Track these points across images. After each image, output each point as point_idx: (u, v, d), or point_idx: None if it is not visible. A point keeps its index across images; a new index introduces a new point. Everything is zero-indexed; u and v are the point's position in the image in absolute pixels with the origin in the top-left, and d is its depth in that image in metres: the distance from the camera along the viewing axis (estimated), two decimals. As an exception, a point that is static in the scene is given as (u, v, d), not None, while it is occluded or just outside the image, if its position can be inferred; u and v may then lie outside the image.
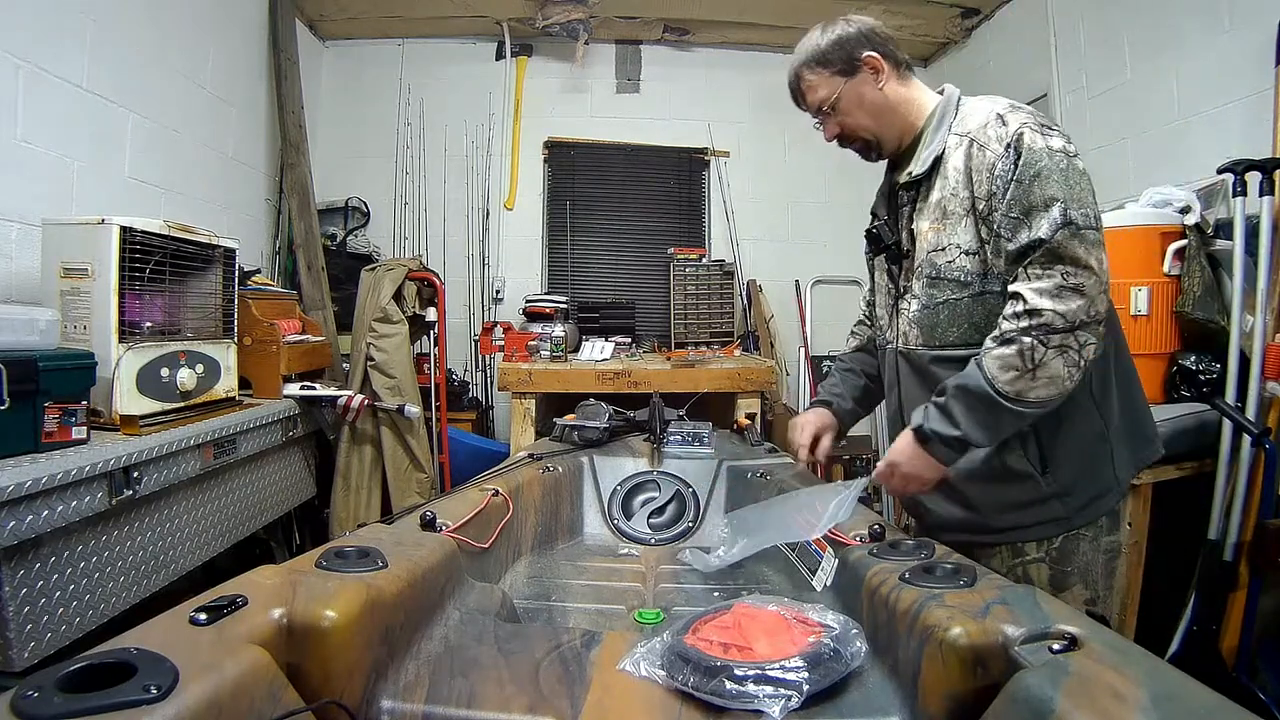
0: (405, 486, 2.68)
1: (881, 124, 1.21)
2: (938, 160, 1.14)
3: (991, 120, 1.08)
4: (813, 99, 1.23)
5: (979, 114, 1.11)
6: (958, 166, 1.10)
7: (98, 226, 1.68)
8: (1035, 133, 1.04)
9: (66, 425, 1.49)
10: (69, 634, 1.40)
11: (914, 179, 1.18)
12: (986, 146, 1.06)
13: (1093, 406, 1.12)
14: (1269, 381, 1.80)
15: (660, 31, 3.94)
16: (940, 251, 1.14)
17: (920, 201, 1.19)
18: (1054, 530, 1.13)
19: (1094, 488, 1.13)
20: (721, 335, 3.70)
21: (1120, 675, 0.62)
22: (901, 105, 1.21)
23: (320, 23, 3.76)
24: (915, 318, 1.20)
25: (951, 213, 1.11)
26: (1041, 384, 1.01)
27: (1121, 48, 2.70)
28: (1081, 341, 1.00)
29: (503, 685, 0.82)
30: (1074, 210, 1.00)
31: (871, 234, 1.30)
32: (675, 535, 1.78)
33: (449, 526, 1.21)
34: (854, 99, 1.20)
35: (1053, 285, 0.99)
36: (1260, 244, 1.85)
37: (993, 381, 1.02)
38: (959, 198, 1.10)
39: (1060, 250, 0.99)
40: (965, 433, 1.05)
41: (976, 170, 1.07)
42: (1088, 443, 1.12)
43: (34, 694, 0.54)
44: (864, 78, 1.19)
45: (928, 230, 1.16)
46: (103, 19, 2.19)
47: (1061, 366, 1.00)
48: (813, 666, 0.78)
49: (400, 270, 2.73)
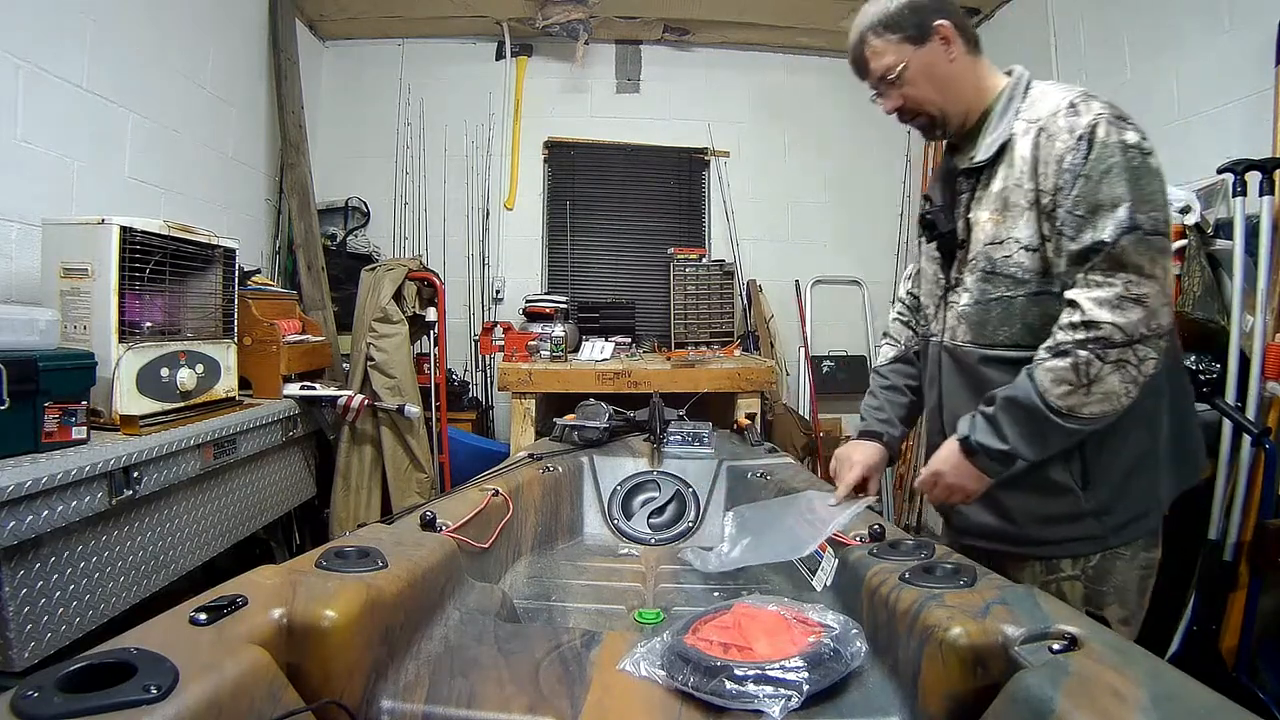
0: (405, 486, 2.68)
1: (949, 99, 1.13)
2: (1003, 147, 1.07)
3: (1063, 108, 1.00)
4: (877, 66, 1.13)
5: (1050, 100, 1.03)
6: (1024, 155, 1.03)
7: (98, 226, 1.68)
8: (1111, 125, 0.96)
9: (66, 425, 1.49)
10: (69, 634, 1.40)
11: (976, 165, 1.11)
12: (1056, 136, 0.99)
13: (1144, 423, 1.05)
14: (1269, 381, 1.80)
15: (660, 31, 3.94)
16: (998, 245, 1.07)
17: (980, 189, 1.11)
18: (1089, 548, 1.07)
19: (1135, 507, 1.07)
20: (721, 335, 3.70)
21: (1120, 675, 0.62)
22: (970, 81, 1.13)
23: (320, 23, 3.76)
24: (965, 313, 1.14)
25: (1013, 205, 1.05)
26: (1096, 400, 0.95)
27: (1121, 48, 2.69)
28: (1141, 356, 0.94)
29: (503, 685, 0.82)
30: (1141, 213, 0.93)
31: (925, 220, 1.22)
32: (675, 535, 1.78)
33: (449, 526, 1.21)
34: (922, 69, 1.10)
35: (1113, 295, 0.93)
36: (1260, 244, 1.85)
37: (1044, 395, 0.97)
38: (1022, 189, 1.03)
39: (1123, 257, 0.93)
40: (1013, 447, 1.00)
41: (1044, 161, 1.01)
42: (1134, 461, 1.06)
43: (34, 694, 0.54)
44: (934, 47, 1.10)
45: (986, 221, 1.09)
46: (103, 19, 2.19)
47: (1119, 382, 0.94)
48: (813, 666, 0.78)
49: (400, 270, 2.73)
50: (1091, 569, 1.08)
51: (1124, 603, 1.08)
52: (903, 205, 4.02)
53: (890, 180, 4.05)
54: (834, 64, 4.13)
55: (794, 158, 4.10)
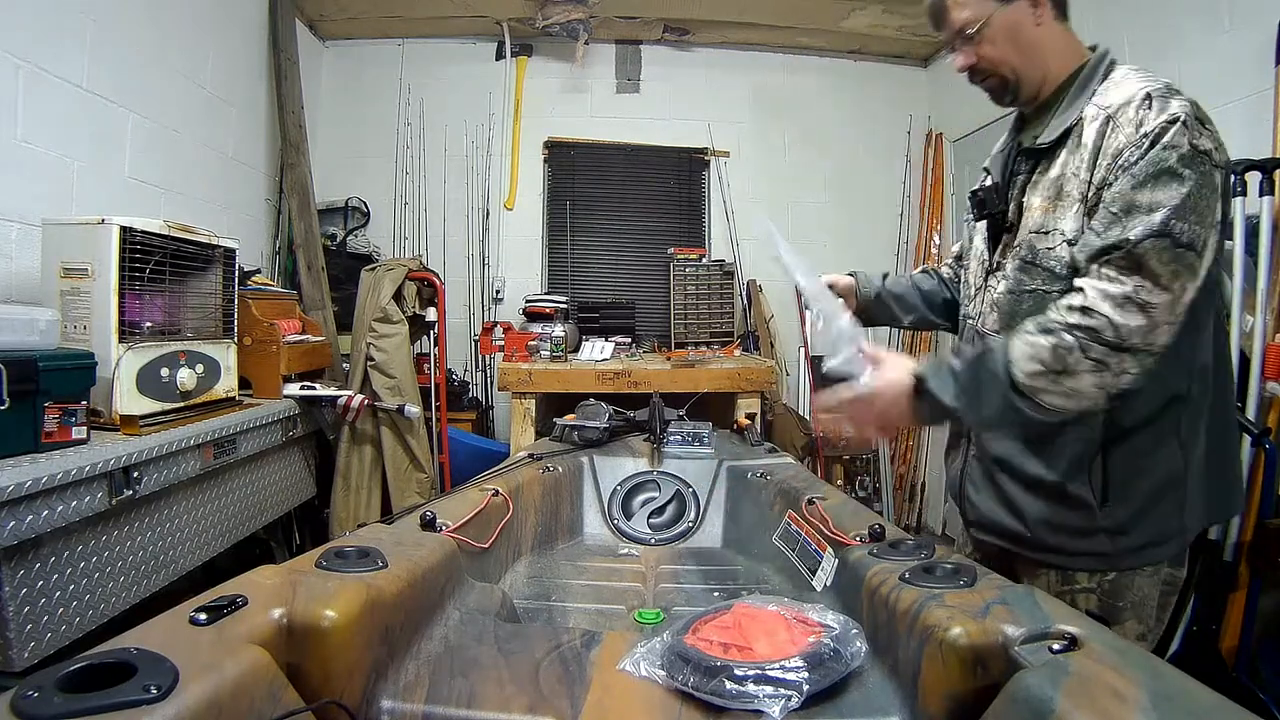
0: (405, 486, 2.68)
1: (1027, 64, 1.05)
2: (1068, 131, 1.00)
3: (1138, 98, 0.93)
4: (957, 17, 1.05)
5: (1127, 87, 0.96)
6: (1087, 143, 0.96)
7: (98, 226, 1.68)
8: (1186, 128, 0.89)
9: (66, 425, 1.49)
10: (69, 634, 1.40)
11: (1039, 146, 1.04)
12: (1121, 128, 0.93)
13: (1177, 447, 0.99)
14: (1269, 381, 1.79)
15: (660, 31, 3.94)
16: (1043, 234, 1.01)
17: (1039, 173, 1.05)
18: (1097, 564, 1.03)
19: (1154, 532, 1.01)
20: (721, 335, 3.70)
21: (1120, 675, 0.62)
22: (1054, 49, 1.05)
23: (320, 23, 3.76)
24: (998, 300, 1.09)
25: (1066, 194, 0.99)
26: (1060, 393, 0.91)
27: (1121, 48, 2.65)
28: (1122, 366, 0.89)
29: (503, 685, 0.82)
30: (1179, 222, 0.86)
31: (976, 196, 1.16)
32: (675, 535, 1.78)
33: (449, 526, 1.21)
34: (1005, 28, 1.03)
35: (1120, 293, 0.88)
36: (1260, 244, 1.85)
37: (1012, 365, 0.92)
38: (1079, 179, 0.97)
39: (1144, 259, 0.87)
40: (959, 408, 0.96)
41: (1104, 152, 0.94)
42: (1160, 485, 1.00)
43: (34, 694, 0.54)
44: (1022, 6, 1.02)
45: (1038, 207, 1.03)
46: (103, 19, 2.19)
47: (1090, 384, 0.90)
48: (813, 666, 0.78)
49: (400, 270, 2.73)
50: (1108, 584, 1.03)
51: (1142, 619, 1.03)
52: (903, 205, 4.02)
53: (890, 180, 4.05)
54: (834, 64, 4.13)
55: (794, 158, 4.10)
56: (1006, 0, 1.02)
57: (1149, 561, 1.01)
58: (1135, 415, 0.98)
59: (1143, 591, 1.02)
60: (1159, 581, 1.03)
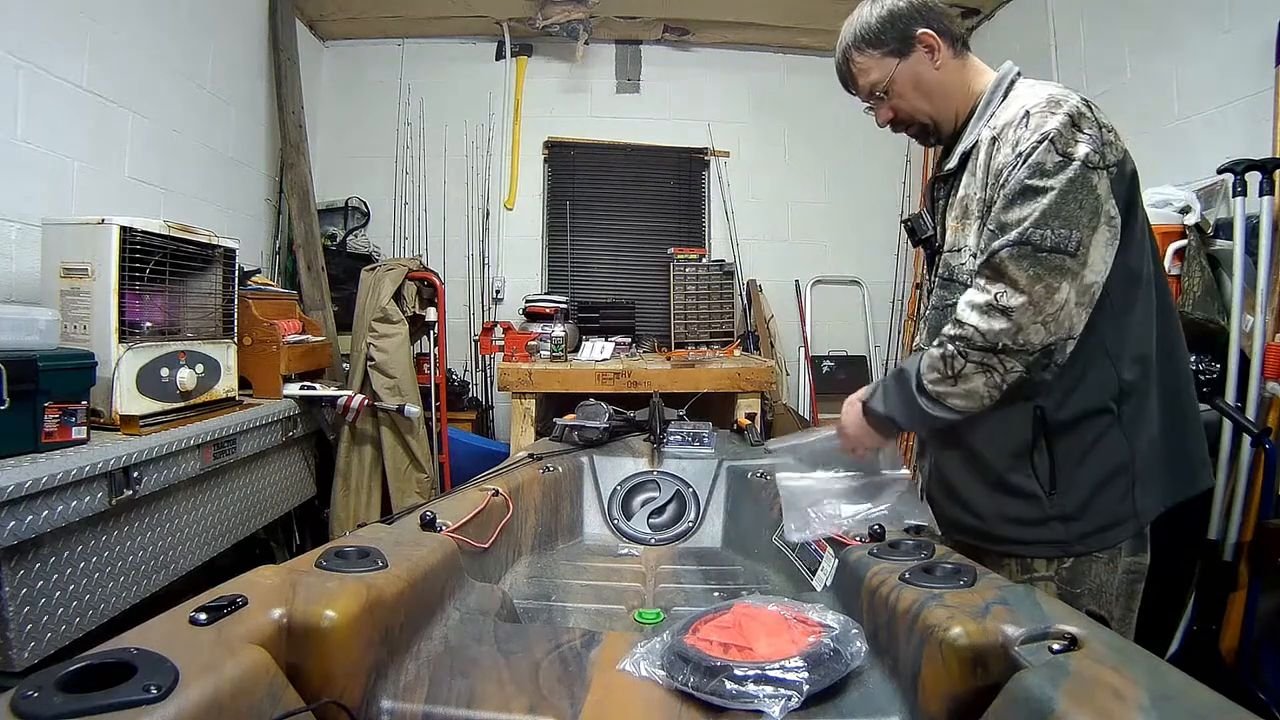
0: (405, 486, 2.68)
1: (938, 106, 1.13)
2: (967, 155, 1.09)
3: (1018, 118, 0.99)
4: (864, 83, 1.14)
5: (1014, 106, 1.02)
6: (981, 164, 1.04)
7: (98, 226, 1.68)
8: (1058, 139, 0.94)
9: (66, 425, 1.49)
10: (69, 634, 1.40)
11: (944, 173, 1.14)
12: (1002, 148, 1.00)
13: (1120, 435, 1.03)
14: (1269, 381, 1.80)
15: (660, 31, 3.94)
16: (955, 252, 1.10)
17: (951, 196, 1.14)
18: (1053, 551, 1.07)
19: (1105, 517, 1.04)
20: (721, 335, 3.70)
21: (1120, 675, 0.61)
22: (957, 85, 1.12)
23: (320, 23, 3.76)
24: (927, 317, 1.18)
25: (969, 212, 1.07)
26: (959, 394, 1.02)
27: (1121, 48, 2.70)
28: (1007, 366, 0.97)
29: (503, 685, 0.82)
30: (1043, 229, 0.93)
31: (908, 225, 1.25)
32: (675, 535, 1.78)
33: (449, 526, 1.21)
34: (908, 81, 1.11)
35: (983, 301, 0.97)
36: (1260, 244, 1.85)
37: (920, 377, 1.04)
38: (976, 198, 1.05)
39: (1002, 268, 0.95)
40: (893, 415, 1.10)
41: (993, 171, 1.02)
42: (1105, 472, 1.04)
43: (34, 694, 0.54)
44: (919, 57, 1.10)
45: (950, 228, 1.12)
46: (103, 19, 2.19)
47: (982, 385, 1.00)
48: (813, 666, 0.78)
49: (400, 270, 2.73)
50: (1065, 570, 1.07)
51: (1102, 605, 1.06)
52: (903, 205, 4.02)
53: (890, 180, 4.05)
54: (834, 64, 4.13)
55: (794, 158, 4.10)
56: (904, 55, 1.10)
57: (1103, 546, 1.05)
58: (1073, 408, 1.03)
59: (1100, 578, 1.06)
60: (1117, 569, 1.06)
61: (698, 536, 1.77)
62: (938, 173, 1.18)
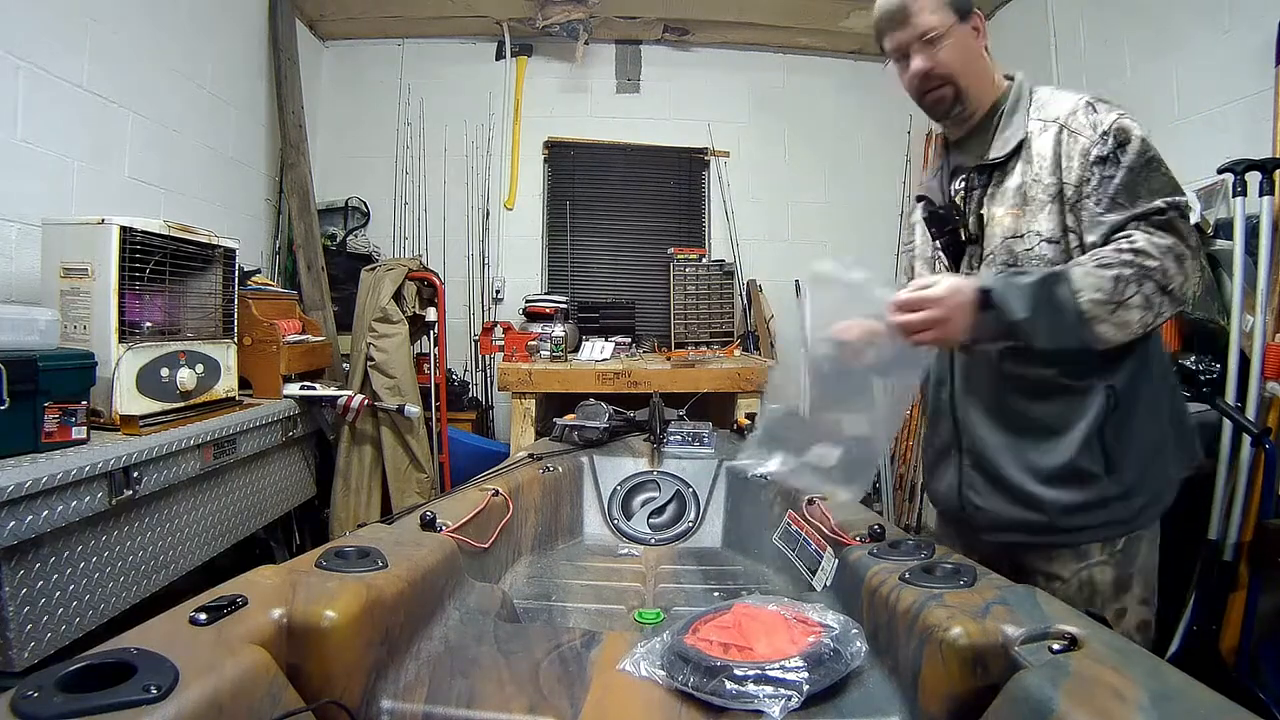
0: (405, 486, 2.68)
1: (973, 80, 1.15)
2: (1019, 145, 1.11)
3: (1081, 108, 1.07)
4: (921, 21, 1.11)
5: (1064, 101, 1.09)
6: (1042, 153, 1.08)
7: (98, 226, 1.67)
8: (1133, 124, 1.03)
9: (66, 425, 1.49)
10: (69, 634, 1.40)
11: (992, 162, 1.14)
12: (1079, 133, 1.05)
13: (1154, 409, 1.10)
14: (1269, 381, 1.80)
15: (660, 31, 3.94)
16: (1019, 239, 1.10)
17: (994, 186, 1.14)
18: (1117, 531, 1.10)
19: (1154, 489, 1.10)
20: (721, 335, 3.70)
21: (1120, 675, 0.62)
22: (989, 73, 1.17)
23: (320, 23, 3.76)
24: None
25: (1033, 199, 1.09)
26: (1113, 323, 0.97)
27: (1121, 48, 2.69)
28: (1161, 309, 0.98)
29: (503, 685, 0.82)
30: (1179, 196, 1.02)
31: (938, 215, 1.22)
32: (675, 535, 1.78)
33: (449, 526, 1.21)
34: (959, 43, 1.12)
35: (1167, 244, 0.98)
36: (1260, 244, 1.85)
37: (1077, 294, 0.96)
38: (1042, 184, 1.07)
39: (1174, 225, 1.00)
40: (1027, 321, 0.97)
41: (1067, 155, 1.05)
42: (1152, 445, 1.09)
43: (34, 694, 0.54)
44: (970, 30, 1.14)
45: (1004, 216, 1.12)
46: (103, 19, 2.19)
47: (1137, 317, 0.97)
48: (813, 666, 0.78)
49: (400, 270, 2.73)
50: (1119, 553, 1.10)
51: (1146, 583, 1.12)
52: (902, 205, 4.02)
53: (890, 180, 4.05)
54: (834, 64, 4.13)
55: (794, 158, 4.10)
56: (962, 20, 1.12)
57: (1155, 517, 1.12)
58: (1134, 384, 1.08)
59: (1145, 556, 1.11)
60: (1155, 547, 1.13)
61: (698, 536, 1.77)
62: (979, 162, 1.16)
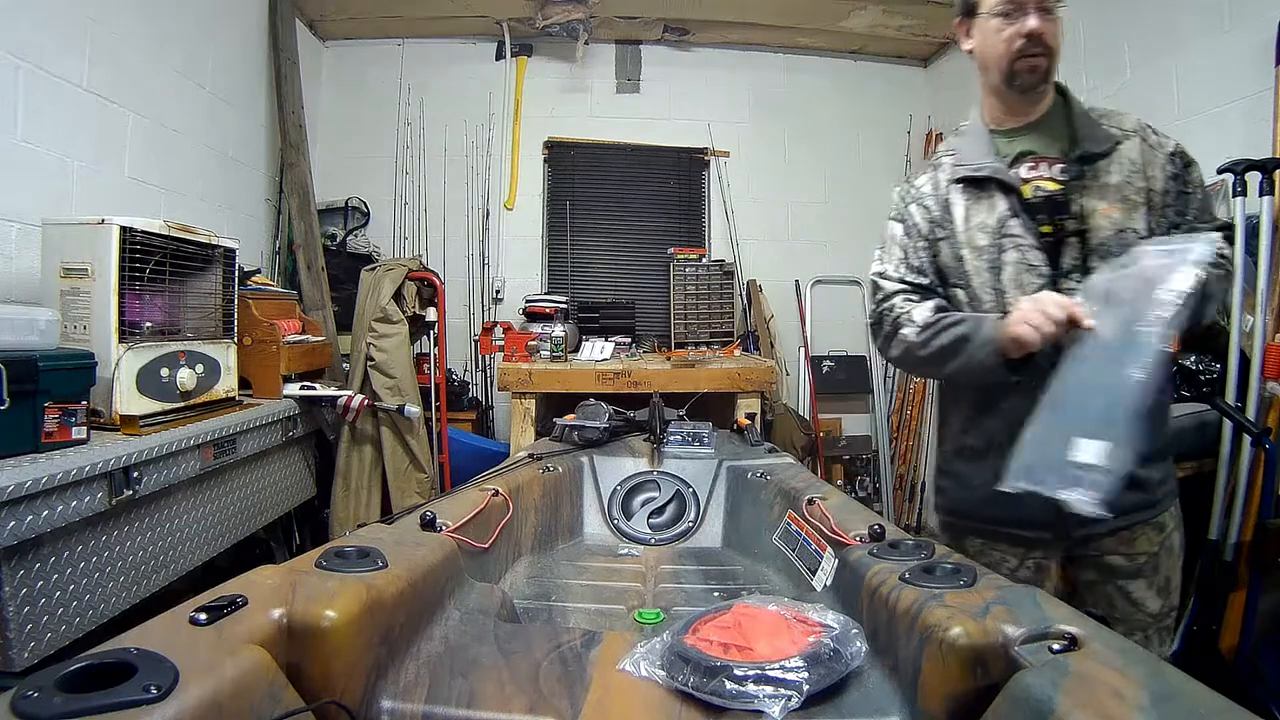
0: (405, 486, 2.68)
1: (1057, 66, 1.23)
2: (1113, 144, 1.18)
3: (1144, 124, 1.21)
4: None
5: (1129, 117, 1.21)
6: (1133, 158, 1.17)
7: (98, 226, 1.67)
8: None
9: (66, 425, 1.49)
10: (69, 634, 1.40)
11: (1088, 154, 1.17)
12: (1160, 147, 1.18)
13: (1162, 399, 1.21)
14: (1269, 381, 1.80)
15: (660, 31, 3.94)
16: (1122, 234, 1.15)
17: (1090, 179, 1.17)
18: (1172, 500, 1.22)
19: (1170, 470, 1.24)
20: (721, 335, 3.70)
21: (1120, 675, 0.62)
22: None
23: (320, 23, 3.76)
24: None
25: (1129, 199, 1.16)
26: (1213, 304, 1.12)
27: (1121, 48, 2.69)
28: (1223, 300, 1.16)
29: (503, 685, 0.82)
30: None
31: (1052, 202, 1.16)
32: (675, 535, 1.78)
33: (449, 526, 1.21)
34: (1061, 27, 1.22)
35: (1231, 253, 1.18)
36: (1260, 244, 1.85)
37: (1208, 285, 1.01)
38: (1134, 186, 1.16)
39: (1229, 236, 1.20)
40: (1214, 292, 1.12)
41: (1149, 164, 1.16)
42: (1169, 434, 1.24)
43: (34, 694, 0.54)
44: None
45: (1109, 210, 1.15)
46: (103, 19, 2.19)
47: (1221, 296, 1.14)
48: (813, 666, 0.78)
49: (400, 270, 2.73)
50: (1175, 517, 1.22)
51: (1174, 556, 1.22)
52: (903, 205, 4.02)
53: (890, 180, 4.04)
54: (834, 64, 4.13)
55: (794, 158, 4.10)
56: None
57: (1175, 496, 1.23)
58: None
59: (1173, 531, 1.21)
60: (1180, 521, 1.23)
61: (698, 536, 1.77)
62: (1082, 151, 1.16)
